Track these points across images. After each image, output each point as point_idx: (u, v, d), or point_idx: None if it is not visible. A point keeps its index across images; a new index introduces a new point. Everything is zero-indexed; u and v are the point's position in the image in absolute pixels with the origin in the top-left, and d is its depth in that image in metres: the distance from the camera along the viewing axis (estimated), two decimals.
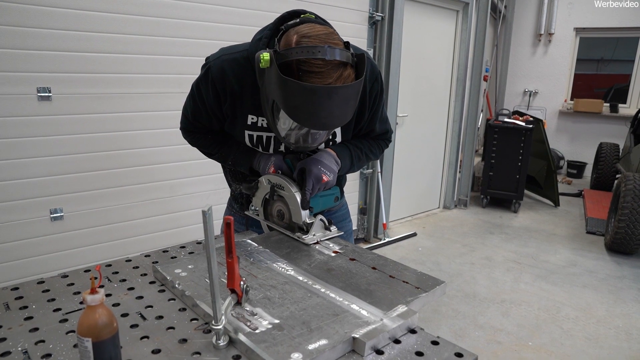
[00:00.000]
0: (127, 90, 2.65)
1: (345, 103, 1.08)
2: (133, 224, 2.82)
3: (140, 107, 2.71)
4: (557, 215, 5.56)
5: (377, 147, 1.56)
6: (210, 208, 0.76)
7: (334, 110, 1.07)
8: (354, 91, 1.09)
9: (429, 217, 5.41)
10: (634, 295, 3.52)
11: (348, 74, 1.09)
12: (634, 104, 7.51)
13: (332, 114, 1.08)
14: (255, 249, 1.28)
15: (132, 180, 2.77)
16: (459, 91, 5.44)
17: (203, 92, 1.36)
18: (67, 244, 2.57)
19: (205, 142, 1.52)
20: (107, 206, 2.69)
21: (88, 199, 2.61)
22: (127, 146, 2.71)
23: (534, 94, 8.26)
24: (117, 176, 2.70)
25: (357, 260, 1.23)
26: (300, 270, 1.15)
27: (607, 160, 6.48)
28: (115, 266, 1.22)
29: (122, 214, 2.75)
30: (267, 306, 0.98)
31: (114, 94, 2.61)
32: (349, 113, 1.12)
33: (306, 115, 1.08)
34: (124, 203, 2.76)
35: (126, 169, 2.73)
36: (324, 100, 1.04)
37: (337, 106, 1.07)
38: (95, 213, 2.65)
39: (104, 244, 2.70)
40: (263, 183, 1.38)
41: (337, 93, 1.05)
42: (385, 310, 0.98)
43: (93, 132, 2.57)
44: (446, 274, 3.79)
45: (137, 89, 2.69)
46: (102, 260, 2.72)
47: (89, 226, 2.63)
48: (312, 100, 1.04)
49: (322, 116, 1.07)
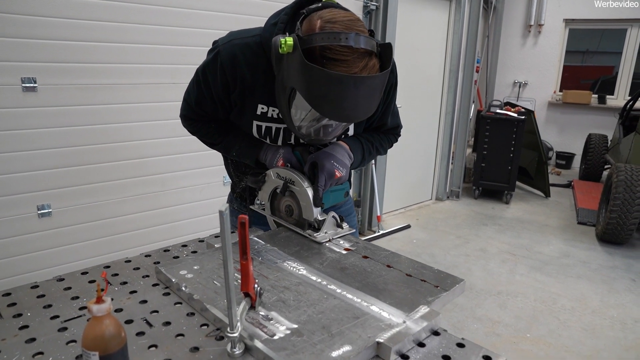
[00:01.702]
0: (117, 80, 2.55)
1: (370, 95, 1.02)
2: (124, 220, 2.73)
3: (130, 99, 2.61)
4: (548, 206, 5.58)
5: (387, 141, 1.50)
6: (227, 208, 0.70)
7: (360, 101, 1.01)
8: (380, 82, 1.03)
9: (422, 208, 5.39)
10: (627, 285, 3.55)
11: (373, 64, 1.02)
12: (621, 96, 7.57)
13: (357, 106, 1.02)
14: (263, 247, 1.22)
15: (122, 174, 2.67)
16: (452, 82, 5.41)
17: (210, 79, 1.28)
18: (56, 241, 2.47)
19: (207, 131, 1.43)
20: (97, 201, 2.60)
21: (77, 194, 2.52)
22: (117, 139, 2.61)
23: (524, 85, 8.28)
24: (107, 170, 2.60)
25: (371, 258, 1.17)
26: (313, 270, 1.10)
27: (596, 151, 6.53)
28: (114, 267, 1.15)
29: (112, 209, 2.66)
30: (283, 310, 0.92)
31: (103, 85, 2.50)
32: (374, 105, 1.06)
33: (330, 106, 1.01)
34: (114, 198, 2.66)
35: (116, 163, 2.64)
36: (350, 90, 0.98)
37: (363, 97, 1.01)
38: (85, 209, 2.56)
39: (94, 240, 2.61)
40: (271, 177, 1.31)
41: (363, 83, 0.99)
42: (407, 311, 0.93)
43: (81, 124, 2.47)
44: (442, 266, 3.77)
45: (128, 79, 2.58)
46: (93, 258, 2.64)
47: (79, 222, 2.54)
48: (337, 90, 0.98)
49: (346, 107, 1.01)
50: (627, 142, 5.30)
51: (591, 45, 8.02)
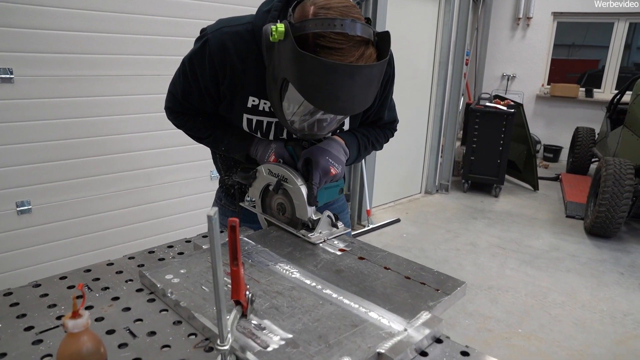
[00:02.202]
0: (99, 72, 2.45)
1: (367, 85, 0.96)
2: (108, 216, 2.64)
3: (113, 91, 2.52)
4: (537, 199, 5.60)
5: (383, 136, 1.45)
6: (216, 212, 0.64)
7: (356, 92, 0.95)
8: (377, 73, 0.97)
9: (412, 202, 5.36)
10: (615, 279, 3.56)
11: (370, 53, 0.97)
12: (608, 89, 7.62)
13: (352, 97, 0.96)
14: (253, 248, 1.15)
15: (106, 169, 2.58)
16: (442, 74, 5.37)
17: (197, 69, 1.20)
18: (36, 239, 2.38)
19: (194, 125, 1.36)
20: (79, 197, 2.51)
21: (58, 190, 2.42)
22: (99, 133, 2.52)
23: (512, 78, 8.28)
24: (89, 165, 2.51)
25: (367, 259, 1.12)
26: (307, 273, 1.04)
27: (584, 145, 6.56)
28: (95, 271, 1.08)
29: (96, 206, 2.57)
30: (276, 317, 0.86)
31: (84, 76, 2.40)
32: (370, 97, 1.01)
33: (324, 97, 0.95)
34: (97, 194, 2.57)
35: (99, 157, 2.55)
36: (345, 80, 0.92)
37: (359, 88, 0.95)
38: (66, 205, 2.46)
39: (77, 238, 2.53)
40: (262, 173, 1.25)
41: (359, 73, 0.93)
42: (408, 317, 0.88)
43: (62, 117, 2.37)
44: (432, 260, 3.75)
45: (110, 71, 2.48)
46: (76, 256, 2.55)
47: (60, 219, 2.45)
48: (332, 80, 0.92)
49: (341, 99, 0.95)
50: (614, 136, 5.32)
51: (577, 39, 8.05)
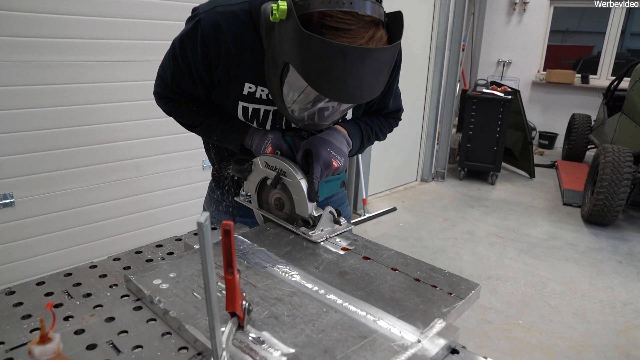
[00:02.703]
0: (84, 58, 2.32)
1: (378, 71, 0.87)
2: (95, 209, 2.54)
3: (99, 77, 2.40)
4: (533, 186, 5.56)
5: (387, 126, 1.36)
6: (207, 218, 0.55)
7: (366, 79, 0.86)
8: (389, 57, 0.88)
9: (408, 190, 5.30)
10: (614, 268, 3.53)
11: (381, 35, 0.87)
12: (604, 75, 7.55)
13: (362, 84, 0.86)
14: (249, 247, 1.07)
15: (93, 159, 2.47)
16: (438, 60, 5.26)
17: (189, 52, 1.10)
18: (19, 234, 2.28)
19: (185, 112, 1.26)
20: (64, 190, 2.40)
21: (42, 182, 2.31)
22: (85, 121, 2.40)
23: (508, 64, 8.20)
24: (75, 155, 2.40)
25: (372, 259, 1.04)
26: (308, 275, 0.96)
27: (580, 132, 6.51)
28: (76, 275, 0.99)
29: (82, 198, 2.47)
30: (276, 328, 0.78)
31: (68, 62, 2.28)
32: (381, 85, 0.92)
33: (331, 84, 0.86)
34: (84, 186, 2.47)
35: (85, 147, 2.43)
36: (355, 64, 0.83)
37: (370, 74, 0.86)
38: (51, 198, 2.36)
39: (61, 232, 2.42)
40: (258, 165, 1.15)
41: (370, 57, 0.84)
42: (421, 326, 0.80)
43: (44, 106, 2.25)
44: (430, 250, 3.70)
45: (95, 56, 2.36)
46: (60, 251, 2.45)
47: (44, 213, 2.34)
48: (340, 65, 0.83)
49: (350, 86, 0.86)
50: (612, 123, 5.27)
51: (571, 25, 7.96)
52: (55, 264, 2.43)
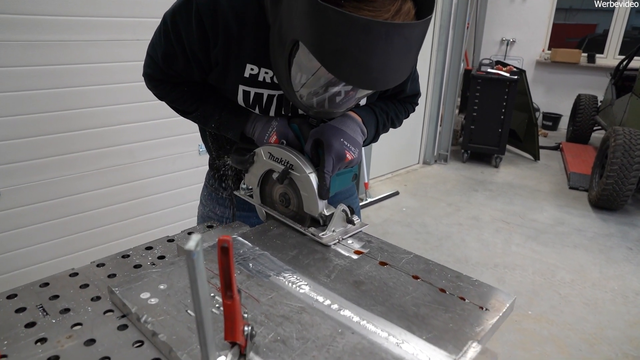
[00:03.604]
0: (69, 36, 2.16)
1: (407, 51, 0.74)
2: (86, 197, 2.41)
3: (87, 58, 2.24)
4: (538, 169, 5.44)
5: (403, 111, 1.22)
6: (199, 243, 0.42)
7: (392, 60, 0.72)
8: (419, 34, 0.74)
9: (410, 173, 5.18)
10: (624, 255, 3.44)
11: (408, 8, 0.74)
12: (611, 54, 7.36)
13: (387, 66, 0.73)
14: (250, 251, 0.95)
15: (83, 145, 2.33)
16: (442, 40, 5.08)
17: (182, 28, 0.96)
18: (4, 225, 2.16)
19: (178, 96, 1.12)
20: (52, 178, 2.27)
21: (29, 170, 2.18)
22: (73, 105, 2.26)
23: (512, 43, 7.98)
24: (63, 141, 2.26)
25: (390, 265, 0.92)
26: (318, 286, 0.84)
27: (586, 113, 6.36)
28: (54, 285, 0.86)
29: (72, 187, 2.34)
30: (284, 356, 0.66)
31: (52, 42, 2.12)
32: (409, 67, 0.78)
33: (351, 65, 0.73)
34: (73, 173, 2.33)
35: (74, 133, 2.29)
36: (380, 43, 0.69)
37: (397, 55, 0.72)
38: (39, 187, 2.23)
39: (49, 222, 2.30)
40: (261, 156, 1.02)
41: (398, 34, 0.70)
42: (453, 351, 0.69)
43: (29, 89, 2.10)
44: (434, 237, 3.60)
45: (82, 35, 2.20)
46: (49, 242, 2.32)
47: (31, 202, 2.22)
48: (363, 42, 0.69)
49: (374, 68, 0.72)
50: (621, 104, 5.12)
51: (574, 2, 7.72)
52: (46, 255, 2.32)
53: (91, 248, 2.48)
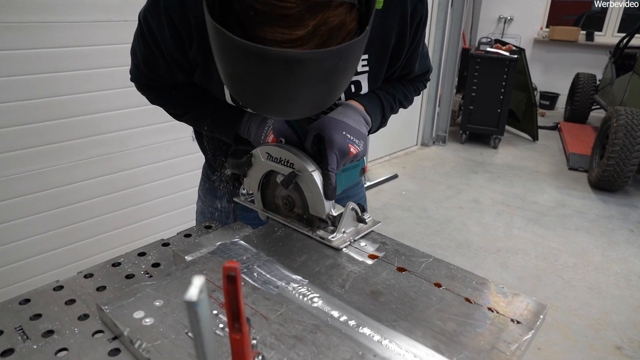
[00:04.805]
0: (51, 18, 2.02)
1: (321, 80, 0.62)
2: (74, 189, 2.30)
3: (71, 41, 2.10)
4: (537, 150, 5.38)
5: (413, 90, 1.13)
6: (202, 289, 0.33)
7: (299, 91, 0.62)
8: (332, 63, 0.61)
9: (408, 155, 5.09)
10: (626, 237, 3.40)
11: (340, 22, 0.61)
12: (610, 32, 7.24)
13: (293, 98, 0.63)
14: (254, 257, 0.86)
15: (68, 134, 2.21)
16: (441, 17, 4.93)
17: (155, 29, 0.87)
18: None
19: (167, 100, 1.07)
20: (37, 169, 2.15)
21: (11, 161, 2.06)
22: (59, 92, 2.13)
23: (509, 20, 7.82)
24: (49, 130, 2.14)
25: (409, 271, 0.84)
26: (332, 298, 0.75)
27: (584, 92, 6.27)
28: (36, 302, 0.77)
29: (58, 178, 2.23)
30: None
31: (33, 23, 1.98)
32: (331, 95, 0.67)
33: (252, 93, 0.64)
34: (60, 164, 2.22)
35: (61, 121, 2.17)
36: (279, 74, 0.59)
37: (306, 85, 0.62)
38: (22, 179, 2.11)
39: (35, 216, 2.19)
40: (259, 158, 0.93)
41: (301, 65, 0.59)
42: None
43: (8, 74, 1.97)
44: (435, 221, 3.53)
45: (65, 16, 2.06)
46: (36, 237, 2.21)
47: (16, 195, 2.10)
48: (260, 72, 0.60)
49: (276, 97, 0.63)
50: (621, 83, 5.03)
51: None
52: (30, 252, 2.21)
53: (78, 242, 2.37)
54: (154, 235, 2.59)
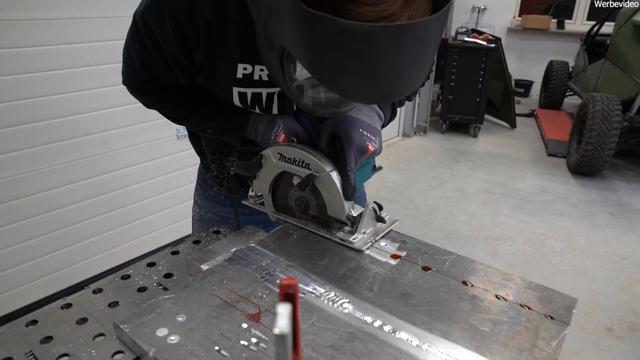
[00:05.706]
0: (29, 15, 1.92)
1: (424, 52, 0.58)
2: (54, 194, 2.20)
3: (48, 39, 2.00)
4: (516, 137, 5.46)
5: None
6: (290, 319, 0.30)
7: (405, 67, 0.57)
8: (438, 29, 0.58)
9: (391, 146, 5.10)
10: (606, 220, 3.49)
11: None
12: (579, 20, 7.40)
13: (400, 75, 0.58)
14: (274, 262, 0.82)
15: (46, 137, 2.12)
16: None
17: (156, 31, 0.81)
18: None
19: (166, 104, 0.99)
20: (15, 175, 2.05)
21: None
22: (36, 93, 2.03)
23: (483, 10, 7.91)
24: (27, 133, 2.04)
25: (435, 270, 0.82)
26: (362, 303, 0.72)
27: (558, 79, 6.40)
28: (44, 323, 0.72)
29: (39, 183, 2.13)
30: None
31: (5, 21, 1.87)
32: (427, 68, 0.63)
33: (354, 81, 0.58)
34: (39, 168, 2.12)
35: (38, 124, 2.07)
36: (388, 52, 0.55)
37: (411, 59, 0.57)
38: (1, 185, 2.01)
39: (15, 224, 2.09)
40: (270, 159, 0.89)
41: (411, 36, 0.54)
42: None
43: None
44: (423, 211, 3.55)
45: (40, 13, 1.95)
46: (16, 246, 2.11)
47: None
48: (365, 55, 0.55)
49: (383, 81, 0.58)
50: (594, 70, 5.15)
51: None
52: (11, 261, 2.12)
53: (63, 249, 2.29)
54: (144, 237, 2.51)
